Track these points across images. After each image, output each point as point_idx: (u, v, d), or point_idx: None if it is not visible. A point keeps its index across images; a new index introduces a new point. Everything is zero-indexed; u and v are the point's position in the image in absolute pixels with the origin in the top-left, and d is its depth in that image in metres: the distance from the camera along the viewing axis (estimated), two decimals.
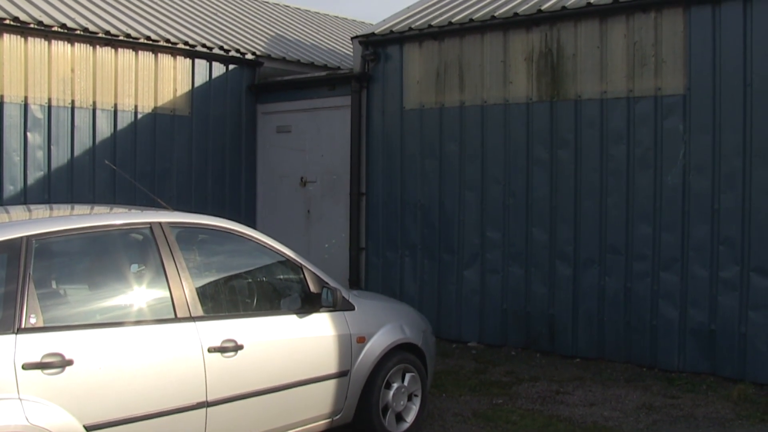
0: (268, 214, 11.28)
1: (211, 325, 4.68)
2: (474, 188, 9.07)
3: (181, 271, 4.65)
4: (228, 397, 4.67)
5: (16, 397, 3.79)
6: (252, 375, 4.82)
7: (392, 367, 5.72)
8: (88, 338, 4.14)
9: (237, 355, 4.73)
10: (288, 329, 5.14)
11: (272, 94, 11.21)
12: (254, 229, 5.60)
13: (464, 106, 9.15)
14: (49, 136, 9.20)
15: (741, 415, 6.49)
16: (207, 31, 11.44)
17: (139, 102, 10.00)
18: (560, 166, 8.45)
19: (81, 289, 4.61)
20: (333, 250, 10.52)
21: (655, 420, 6.39)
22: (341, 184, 10.44)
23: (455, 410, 6.61)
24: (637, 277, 7.96)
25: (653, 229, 7.86)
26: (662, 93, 7.80)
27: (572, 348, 8.38)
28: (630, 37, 7.98)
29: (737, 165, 7.39)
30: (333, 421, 5.39)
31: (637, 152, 7.95)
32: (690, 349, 7.65)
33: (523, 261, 8.73)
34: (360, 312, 5.61)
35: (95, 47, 9.55)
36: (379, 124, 9.95)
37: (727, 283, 7.43)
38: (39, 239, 4.18)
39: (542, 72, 8.56)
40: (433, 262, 9.42)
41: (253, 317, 5.04)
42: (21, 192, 9.00)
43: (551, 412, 6.58)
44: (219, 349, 4.64)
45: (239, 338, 4.76)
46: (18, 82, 8.91)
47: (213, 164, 10.81)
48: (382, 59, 9.90)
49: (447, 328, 9.22)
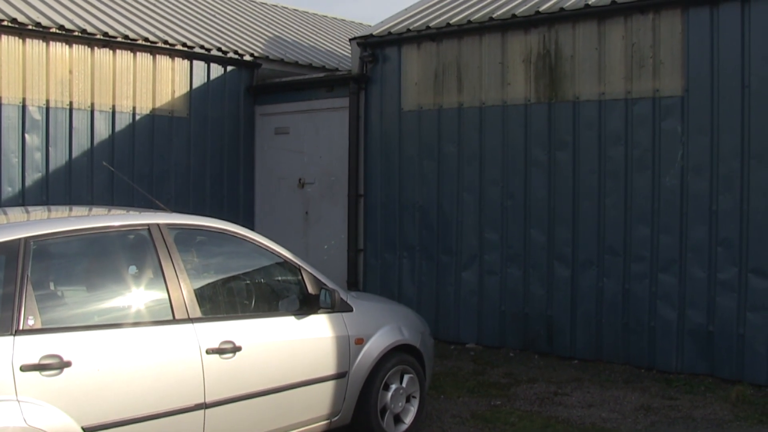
0: (266, 216, 11.28)
1: (209, 327, 4.68)
2: (472, 190, 9.07)
3: (179, 272, 4.65)
4: (226, 398, 4.66)
5: (14, 399, 3.79)
6: (250, 376, 4.82)
7: (390, 369, 5.71)
8: (86, 340, 4.14)
9: (235, 356, 4.73)
10: (286, 331, 5.14)
11: (270, 95, 11.21)
12: (252, 230, 5.60)
13: (462, 108, 9.15)
14: (47, 138, 9.20)
15: (739, 416, 6.50)
16: (205, 32, 11.44)
17: (137, 103, 9.99)
18: (558, 167, 8.45)
19: (79, 290, 4.61)
20: (331, 251, 10.52)
21: (654, 421, 6.40)
22: (339, 185, 10.43)
23: (453, 411, 6.61)
24: (635, 279, 7.96)
25: (651, 230, 7.86)
26: (660, 94, 7.81)
27: (570, 349, 8.38)
28: (628, 39, 7.99)
29: (735, 166, 7.39)
30: (331, 422, 5.39)
31: (635, 154, 7.96)
32: (688, 351, 7.65)
33: (521, 262, 8.73)
34: (358, 313, 5.61)
35: (93, 49, 9.55)
36: (378, 126, 9.95)
37: (725, 284, 7.44)
38: (37, 241, 4.18)
39: (540, 73, 8.57)
40: (431, 264, 9.42)
41: (251, 319, 5.04)
42: (19, 193, 8.99)
43: (549, 414, 6.58)
44: (217, 350, 4.64)
45: (237, 340, 4.76)
46: (16, 83, 8.90)
47: (211, 166, 10.80)
48: (380, 61, 9.91)
49: (445, 329, 9.22)
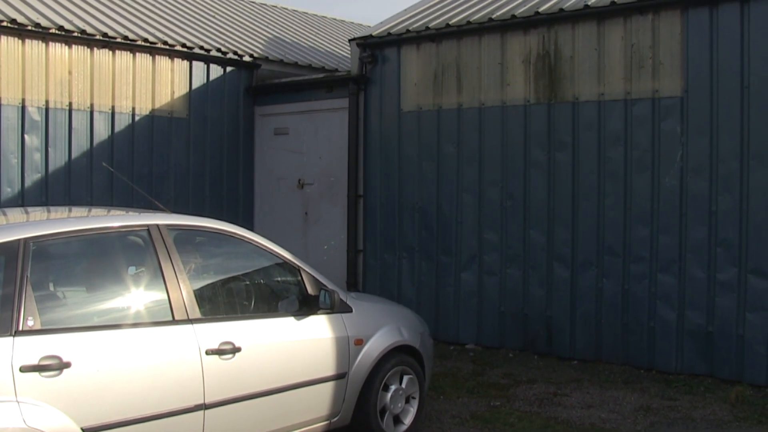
0: (265, 216, 11.28)
1: (209, 328, 4.68)
2: (472, 190, 9.07)
3: (178, 273, 4.65)
4: (226, 399, 4.66)
5: (13, 400, 3.78)
6: (250, 377, 4.82)
7: (390, 370, 5.71)
8: (85, 341, 4.13)
9: (234, 357, 4.72)
10: (286, 331, 5.14)
11: (270, 96, 11.21)
12: (252, 231, 5.60)
13: (462, 108, 9.15)
14: (46, 138, 9.19)
15: (738, 416, 6.50)
16: (205, 33, 11.44)
17: (136, 104, 9.99)
18: (558, 168, 8.46)
19: (78, 291, 4.60)
20: (331, 252, 10.51)
21: (653, 422, 6.40)
22: (339, 186, 10.43)
23: (453, 412, 6.61)
24: (634, 279, 7.96)
25: (651, 230, 7.86)
26: (660, 95, 7.81)
27: (570, 350, 8.38)
28: (627, 39, 7.99)
29: (735, 167, 7.40)
30: (331, 423, 5.39)
31: (635, 154, 7.96)
32: (687, 351, 7.65)
33: (520, 263, 8.73)
34: (358, 314, 5.61)
35: (93, 49, 9.55)
36: (377, 127, 9.95)
37: (725, 284, 7.44)
38: (36, 242, 4.18)
39: (540, 74, 8.57)
40: (430, 264, 9.43)
41: (251, 319, 5.04)
42: (18, 194, 8.98)
43: (549, 414, 6.58)
44: (216, 351, 4.64)
45: (237, 340, 4.76)
46: (15, 84, 8.90)
47: (211, 166, 10.80)
48: (379, 61, 9.91)
49: (445, 330, 9.22)
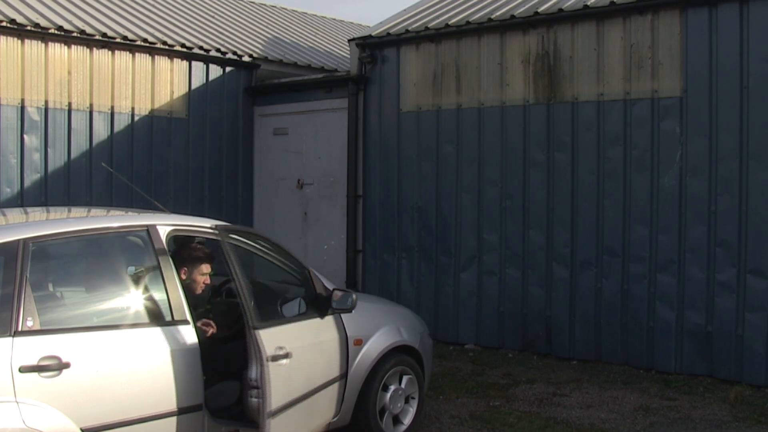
0: (265, 217, 11.27)
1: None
2: (471, 190, 9.07)
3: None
4: None
5: (13, 400, 3.78)
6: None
7: (389, 370, 5.72)
8: (85, 341, 4.12)
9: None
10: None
11: (269, 96, 11.21)
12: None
13: (461, 109, 9.15)
14: (45, 139, 9.19)
15: (738, 417, 6.50)
16: (204, 33, 11.43)
17: (136, 104, 9.99)
18: (557, 168, 8.46)
19: (78, 291, 4.60)
20: (330, 252, 10.51)
21: (652, 422, 6.40)
22: (338, 186, 10.43)
23: (452, 412, 6.61)
24: (633, 279, 7.97)
25: (650, 231, 7.87)
26: (659, 95, 7.81)
27: (569, 350, 8.38)
28: (627, 39, 7.99)
29: (734, 167, 7.40)
30: (330, 423, 5.38)
31: (634, 154, 7.96)
32: (687, 351, 7.66)
33: (520, 263, 8.73)
34: (357, 314, 5.59)
35: (92, 49, 9.54)
36: (376, 127, 9.95)
37: (724, 285, 7.44)
38: (36, 242, 4.17)
39: (539, 74, 8.57)
40: (430, 265, 9.42)
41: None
42: (18, 194, 8.98)
43: (548, 415, 6.58)
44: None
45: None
46: (15, 84, 8.90)
47: (210, 166, 10.80)
48: (378, 61, 9.90)
49: (444, 330, 9.22)
